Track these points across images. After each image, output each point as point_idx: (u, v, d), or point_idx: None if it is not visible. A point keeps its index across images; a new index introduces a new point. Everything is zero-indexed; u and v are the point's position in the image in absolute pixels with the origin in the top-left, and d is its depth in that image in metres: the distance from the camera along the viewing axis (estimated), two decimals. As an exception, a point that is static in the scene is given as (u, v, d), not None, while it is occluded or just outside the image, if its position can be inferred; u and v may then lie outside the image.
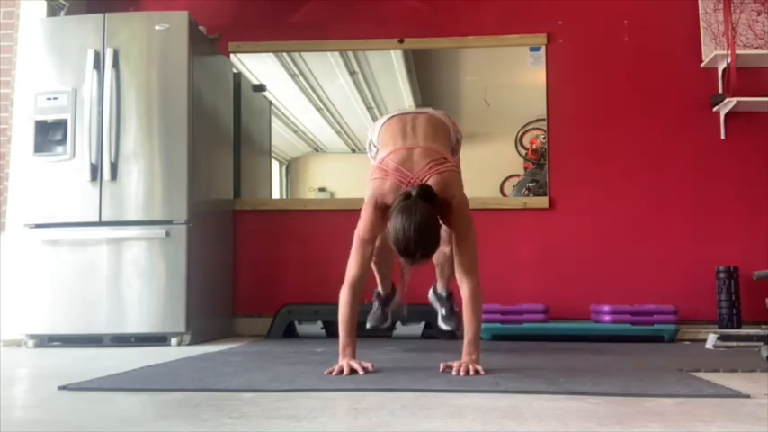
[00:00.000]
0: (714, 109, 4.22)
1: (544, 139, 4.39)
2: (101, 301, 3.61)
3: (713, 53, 4.16)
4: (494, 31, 4.43)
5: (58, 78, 3.76)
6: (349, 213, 4.36)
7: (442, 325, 3.19)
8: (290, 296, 4.28)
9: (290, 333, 4.11)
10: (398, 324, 3.94)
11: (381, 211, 2.46)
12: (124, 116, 3.71)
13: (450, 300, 3.17)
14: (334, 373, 2.30)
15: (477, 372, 2.28)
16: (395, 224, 2.26)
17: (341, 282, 2.52)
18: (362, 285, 2.51)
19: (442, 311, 3.19)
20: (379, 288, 3.14)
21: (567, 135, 4.34)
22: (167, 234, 3.62)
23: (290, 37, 4.55)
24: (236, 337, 4.13)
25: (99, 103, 3.70)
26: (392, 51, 4.56)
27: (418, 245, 2.23)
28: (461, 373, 2.26)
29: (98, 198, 3.68)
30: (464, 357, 2.37)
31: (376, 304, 3.16)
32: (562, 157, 4.33)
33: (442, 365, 2.37)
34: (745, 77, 4.16)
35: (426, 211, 2.28)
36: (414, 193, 2.31)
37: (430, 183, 2.41)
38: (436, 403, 1.79)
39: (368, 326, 3.14)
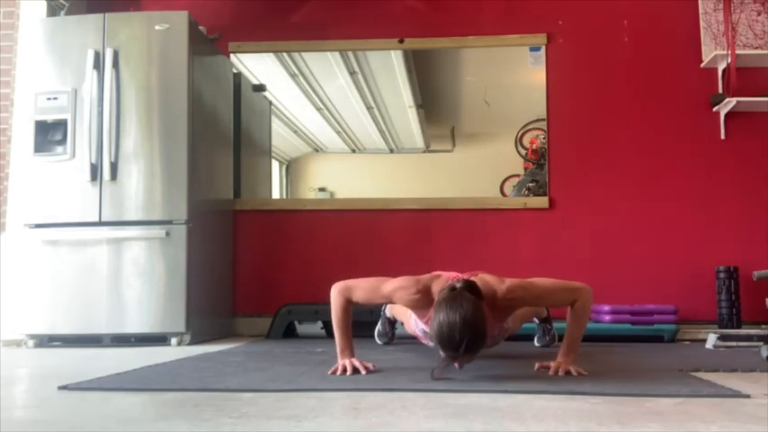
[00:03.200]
0: (714, 109, 4.22)
1: (544, 139, 4.39)
2: (101, 301, 3.61)
3: (713, 53, 4.16)
4: (494, 31, 4.43)
5: (58, 78, 3.76)
6: (349, 213, 4.41)
7: (536, 343, 3.45)
8: (290, 296, 4.28)
9: (290, 333, 4.11)
10: (399, 324, 3.94)
11: (419, 291, 2.32)
12: (124, 116, 3.71)
13: (545, 323, 3.40)
14: (338, 373, 2.30)
15: (579, 372, 2.27)
16: (438, 316, 2.09)
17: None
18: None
19: (538, 333, 3.45)
20: (390, 316, 3.45)
21: (567, 135, 4.34)
22: (167, 234, 3.62)
23: (290, 37, 4.55)
24: (236, 337, 4.13)
25: (99, 103, 3.70)
26: (392, 51, 4.56)
27: (463, 338, 2.04)
28: (561, 374, 2.25)
29: (98, 198, 3.68)
30: (559, 358, 2.35)
31: (387, 327, 3.52)
32: (562, 157, 4.33)
33: (537, 365, 2.36)
34: (745, 77, 4.16)
35: (473, 303, 2.11)
36: (459, 286, 2.17)
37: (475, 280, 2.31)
38: (436, 403, 1.79)
39: (379, 342, 3.52)
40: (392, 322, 3.54)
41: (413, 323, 2.87)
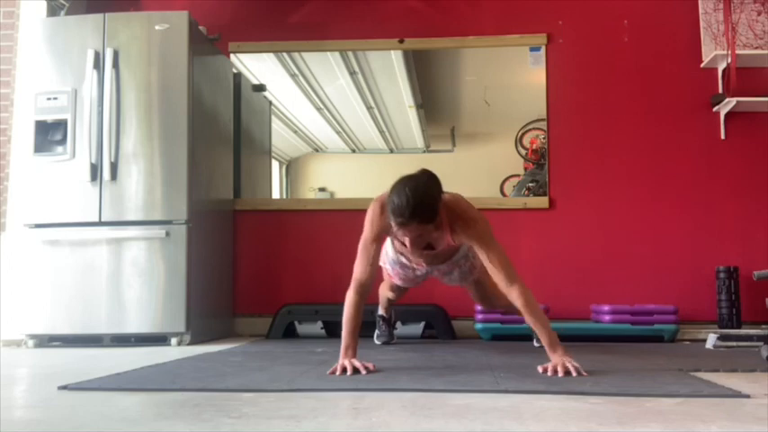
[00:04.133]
0: (714, 109, 4.22)
1: (544, 139, 4.39)
2: (101, 301, 3.61)
3: (713, 53, 4.16)
4: (494, 31, 4.43)
5: (58, 78, 3.76)
6: (349, 213, 4.40)
7: (535, 343, 3.30)
8: (290, 296, 4.28)
9: (290, 333, 4.11)
10: (398, 324, 3.95)
11: (385, 208, 2.48)
12: (124, 116, 3.71)
13: None
14: (338, 373, 2.30)
15: (578, 370, 2.25)
16: (392, 190, 2.32)
17: (341, 282, 2.52)
18: (370, 287, 2.52)
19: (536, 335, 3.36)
20: (383, 312, 3.49)
21: (567, 135, 4.34)
22: (167, 234, 3.62)
23: (290, 37, 4.55)
24: (236, 337, 4.13)
25: (99, 103, 3.70)
26: (392, 51, 4.56)
27: (410, 201, 2.25)
28: (560, 374, 2.23)
29: (98, 198, 3.68)
30: (553, 358, 2.34)
31: (383, 326, 3.53)
32: (562, 157, 4.33)
33: (540, 368, 2.33)
34: (745, 77, 4.16)
35: (425, 180, 2.34)
36: (417, 171, 2.40)
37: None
38: (436, 403, 1.79)
39: (378, 343, 3.53)
40: (388, 322, 3.54)
41: (384, 257, 2.99)
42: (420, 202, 2.27)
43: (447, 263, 2.94)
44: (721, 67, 4.22)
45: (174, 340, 3.58)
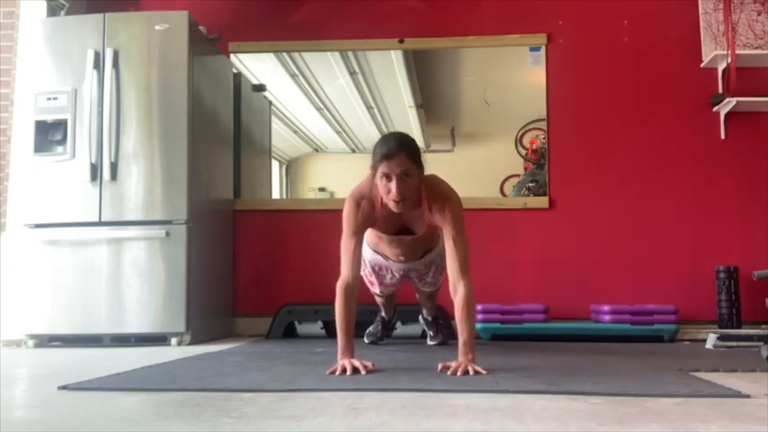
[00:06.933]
0: (714, 109, 4.22)
1: (544, 139, 4.39)
2: (101, 301, 3.61)
3: (713, 53, 4.16)
4: (494, 31, 4.43)
5: (58, 78, 3.76)
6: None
7: (431, 342, 3.48)
8: (290, 296, 4.28)
9: (290, 333, 4.11)
10: (398, 324, 3.95)
11: (359, 202, 2.55)
12: (124, 116, 3.71)
13: (437, 321, 3.50)
14: (337, 373, 2.29)
15: (476, 372, 2.28)
16: (377, 142, 2.47)
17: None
18: (356, 284, 2.51)
19: (430, 333, 3.51)
20: (383, 314, 3.48)
21: (567, 135, 4.34)
22: (167, 234, 3.62)
23: (290, 37, 4.55)
24: (236, 337, 4.13)
25: (99, 103, 3.70)
26: (392, 51, 4.56)
27: (396, 137, 2.43)
28: (459, 374, 2.26)
29: (98, 198, 3.68)
30: (461, 358, 2.37)
31: (379, 327, 3.50)
32: (562, 157, 4.33)
33: (440, 366, 2.37)
34: (745, 77, 4.16)
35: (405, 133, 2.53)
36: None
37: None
38: (436, 403, 1.79)
39: (366, 341, 3.48)
40: (386, 324, 3.54)
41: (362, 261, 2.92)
42: (407, 139, 2.44)
43: (424, 260, 2.98)
44: (721, 67, 4.22)
45: (174, 340, 3.58)
